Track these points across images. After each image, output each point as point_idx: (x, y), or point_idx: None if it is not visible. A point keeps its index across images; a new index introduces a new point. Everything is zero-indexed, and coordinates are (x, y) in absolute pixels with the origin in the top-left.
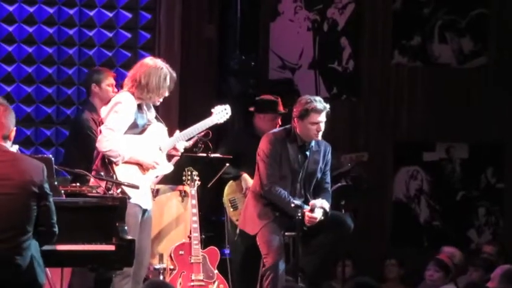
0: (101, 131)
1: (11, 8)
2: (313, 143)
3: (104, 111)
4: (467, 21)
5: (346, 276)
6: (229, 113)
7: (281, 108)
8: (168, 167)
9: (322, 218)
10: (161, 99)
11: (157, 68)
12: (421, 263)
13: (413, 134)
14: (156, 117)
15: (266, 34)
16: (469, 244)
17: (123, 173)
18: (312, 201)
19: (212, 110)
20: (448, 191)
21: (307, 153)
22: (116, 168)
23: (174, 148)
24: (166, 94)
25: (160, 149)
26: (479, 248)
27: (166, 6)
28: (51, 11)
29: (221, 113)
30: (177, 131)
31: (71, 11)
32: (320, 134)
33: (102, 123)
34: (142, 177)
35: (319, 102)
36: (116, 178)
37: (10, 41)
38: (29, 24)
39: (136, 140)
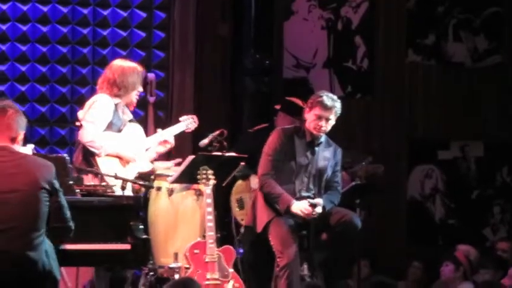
0: (81, 126)
1: (25, 8)
2: (323, 140)
3: (81, 112)
4: (482, 19)
5: (362, 274)
6: (197, 122)
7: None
8: (147, 165)
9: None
10: (137, 97)
11: (129, 66)
12: (436, 261)
13: (428, 132)
14: (131, 120)
15: (280, 33)
16: (485, 242)
17: (104, 165)
18: (312, 200)
19: (180, 119)
20: (463, 190)
21: (316, 149)
22: (98, 161)
23: (165, 141)
24: (141, 89)
25: (138, 148)
26: (494, 245)
27: (181, 5)
28: (65, 10)
29: (187, 121)
30: (159, 130)
31: (85, 11)
32: (321, 130)
33: (80, 122)
34: (122, 170)
35: (329, 99)
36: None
37: (24, 40)
38: (43, 24)
39: (115, 136)
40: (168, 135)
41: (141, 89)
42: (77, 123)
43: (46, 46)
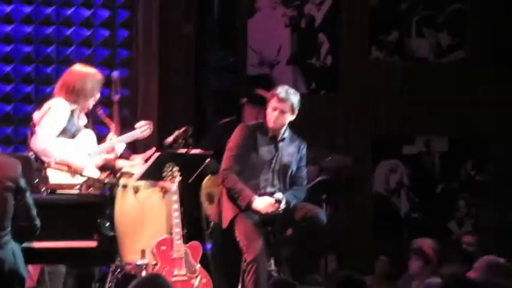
0: (35, 132)
1: None
2: (286, 135)
3: (37, 115)
4: (445, 16)
5: (329, 269)
6: (152, 129)
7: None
8: (95, 173)
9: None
10: (94, 103)
11: (89, 73)
12: (403, 255)
13: (392, 127)
14: (85, 125)
15: (244, 30)
16: (450, 235)
17: (53, 173)
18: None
19: (136, 126)
20: (428, 184)
21: (280, 144)
22: (47, 169)
23: (112, 150)
24: (98, 95)
25: (88, 155)
26: (460, 239)
27: (144, 3)
28: (28, 9)
29: (142, 128)
30: (115, 136)
31: (48, 10)
32: (276, 122)
33: (34, 126)
34: (71, 179)
35: (284, 92)
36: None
37: None
38: (6, 23)
39: (67, 143)
40: (120, 142)
41: (98, 95)
42: (32, 124)
43: (10, 45)
